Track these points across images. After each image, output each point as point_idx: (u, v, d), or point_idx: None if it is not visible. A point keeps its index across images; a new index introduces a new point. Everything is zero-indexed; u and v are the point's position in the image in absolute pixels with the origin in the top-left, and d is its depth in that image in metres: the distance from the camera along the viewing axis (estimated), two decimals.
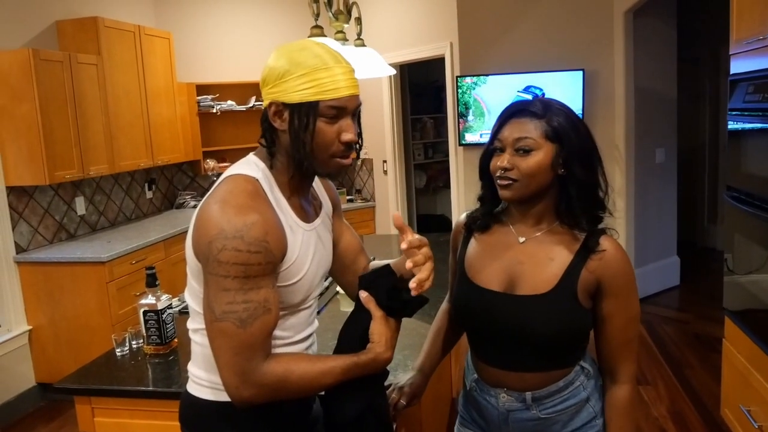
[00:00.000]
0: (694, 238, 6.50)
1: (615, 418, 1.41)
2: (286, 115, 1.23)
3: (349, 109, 1.24)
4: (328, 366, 1.23)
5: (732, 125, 2.72)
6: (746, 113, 2.54)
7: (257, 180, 1.24)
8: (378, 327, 1.29)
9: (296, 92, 1.20)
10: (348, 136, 1.24)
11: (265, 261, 1.16)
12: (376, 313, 1.30)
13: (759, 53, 2.41)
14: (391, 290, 1.33)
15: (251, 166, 1.28)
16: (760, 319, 2.54)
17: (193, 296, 1.29)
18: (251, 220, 1.14)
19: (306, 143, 1.21)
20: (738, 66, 2.65)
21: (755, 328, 2.53)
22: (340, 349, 1.34)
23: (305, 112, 1.20)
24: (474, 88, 4.75)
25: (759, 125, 2.46)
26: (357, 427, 1.35)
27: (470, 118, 4.84)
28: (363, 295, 1.33)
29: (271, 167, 1.28)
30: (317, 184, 1.48)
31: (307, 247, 1.32)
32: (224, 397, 1.25)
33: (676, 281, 5.31)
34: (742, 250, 2.73)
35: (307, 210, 1.36)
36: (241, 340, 1.14)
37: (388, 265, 1.40)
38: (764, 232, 2.43)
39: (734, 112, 2.66)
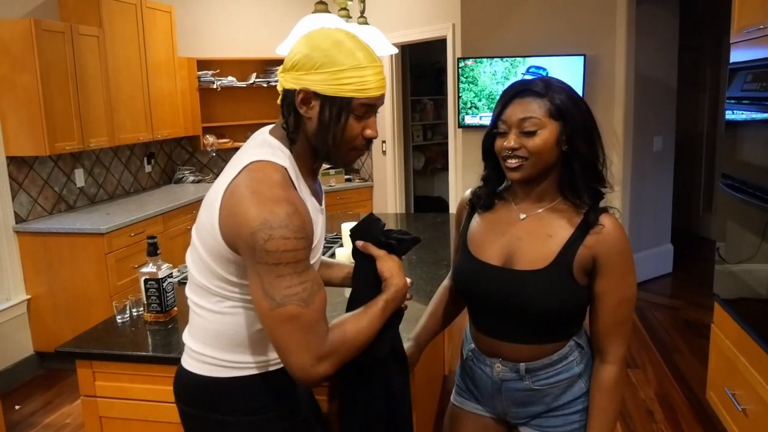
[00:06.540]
0: (689, 227, 6.54)
1: (598, 396, 1.44)
2: (314, 104, 1.25)
3: (376, 107, 1.30)
4: (370, 313, 1.30)
5: (729, 114, 2.74)
6: (744, 102, 2.56)
7: (285, 168, 1.26)
8: (385, 264, 1.37)
9: (332, 86, 1.22)
10: (371, 132, 1.29)
11: (308, 245, 1.21)
12: (378, 253, 1.38)
13: (759, 43, 2.43)
14: (384, 231, 1.41)
15: (276, 152, 1.28)
16: (750, 306, 2.58)
17: (208, 275, 1.29)
18: (291, 210, 1.18)
19: (335, 136, 1.26)
20: (738, 55, 2.67)
21: (744, 315, 2.58)
22: (355, 299, 1.38)
23: (338, 107, 1.24)
24: (480, 74, 4.75)
25: (756, 114, 2.49)
26: (384, 367, 1.39)
27: (471, 100, 4.85)
28: (360, 243, 1.40)
29: (291, 152, 1.31)
30: None
31: (322, 230, 1.41)
32: (227, 372, 1.31)
33: (669, 268, 5.36)
34: (735, 239, 2.76)
35: (319, 193, 1.42)
36: (309, 318, 1.18)
37: (372, 213, 1.48)
38: (757, 221, 2.47)
39: (732, 101, 2.68)
